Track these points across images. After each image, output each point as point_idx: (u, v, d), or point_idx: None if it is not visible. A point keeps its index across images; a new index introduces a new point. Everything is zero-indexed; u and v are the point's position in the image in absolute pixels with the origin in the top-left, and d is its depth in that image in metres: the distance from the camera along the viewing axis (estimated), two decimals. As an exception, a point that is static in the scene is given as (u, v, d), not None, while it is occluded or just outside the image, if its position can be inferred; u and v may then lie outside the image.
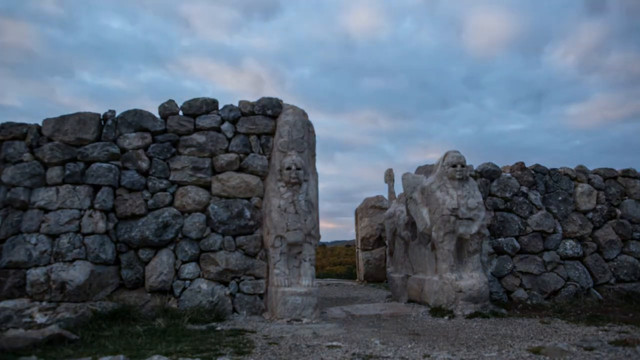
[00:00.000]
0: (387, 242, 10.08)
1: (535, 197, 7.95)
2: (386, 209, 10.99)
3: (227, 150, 6.93)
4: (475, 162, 13.03)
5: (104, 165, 6.45)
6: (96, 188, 6.41)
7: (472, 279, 6.60)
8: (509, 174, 8.10)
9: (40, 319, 5.32)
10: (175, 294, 6.34)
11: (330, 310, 7.15)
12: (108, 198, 6.39)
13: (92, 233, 6.20)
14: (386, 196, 12.01)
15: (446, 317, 6.18)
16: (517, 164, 8.31)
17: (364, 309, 7.29)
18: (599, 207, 8.21)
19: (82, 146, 6.52)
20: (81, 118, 6.58)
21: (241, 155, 6.94)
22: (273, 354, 4.07)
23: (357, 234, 13.29)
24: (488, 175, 7.95)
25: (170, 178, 6.71)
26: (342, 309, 7.29)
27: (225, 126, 7.01)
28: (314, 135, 7.34)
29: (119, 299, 6.19)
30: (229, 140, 6.99)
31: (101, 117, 6.77)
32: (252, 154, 6.97)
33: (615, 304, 7.11)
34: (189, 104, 7.01)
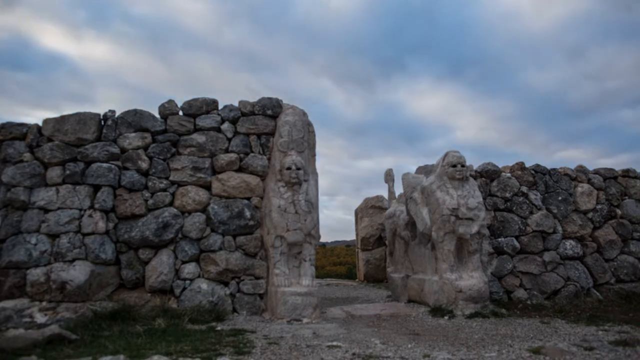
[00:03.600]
0: (387, 242, 10.09)
1: (535, 197, 7.94)
2: (386, 209, 10.99)
3: (227, 150, 6.93)
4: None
5: (104, 165, 6.45)
6: (96, 188, 6.41)
7: (472, 279, 6.60)
8: (509, 174, 8.09)
9: (40, 319, 5.32)
10: (175, 294, 6.34)
11: (330, 310, 7.15)
12: (108, 198, 6.39)
13: (92, 233, 6.20)
14: (386, 196, 12.03)
15: (446, 317, 6.18)
16: (517, 163, 8.31)
17: (364, 309, 7.29)
18: (599, 207, 8.21)
19: (82, 146, 6.52)
20: (81, 118, 6.59)
21: (241, 155, 6.94)
22: (273, 354, 4.07)
23: (357, 234, 13.30)
24: (488, 175, 7.95)
25: (170, 178, 6.71)
26: (342, 309, 7.29)
27: (225, 126, 7.02)
28: (314, 135, 7.35)
29: (119, 299, 6.19)
30: (229, 140, 6.99)
31: (101, 117, 6.78)
32: (252, 154, 6.97)
33: (615, 304, 7.10)
34: (189, 103, 7.02)
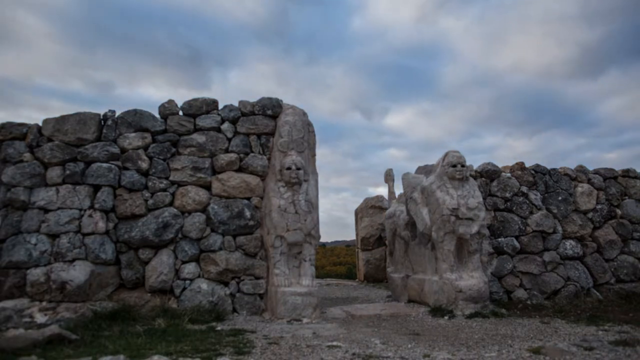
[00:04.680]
0: (387, 242, 10.09)
1: (535, 197, 7.94)
2: (386, 209, 10.99)
3: (227, 150, 6.93)
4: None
5: (104, 165, 6.45)
6: (96, 188, 6.42)
7: (472, 279, 6.60)
8: (509, 174, 8.09)
9: (40, 319, 5.32)
10: (175, 294, 6.34)
11: (330, 310, 7.15)
12: (108, 198, 6.39)
13: (92, 233, 6.20)
14: (386, 196, 12.03)
15: (446, 317, 6.18)
16: (517, 163, 8.31)
17: (364, 309, 7.29)
18: (599, 207, 8.21)
19: (82, 146, 6.52)
20: (81, 118, 6.59)
21: (241, 155, 6.94)
22: (273, 354, 4.07)
23: (357, 234, 13.30)
24: (488, 175, 7.95)
25: (170, 178, 6.71)
26: (342, 309, 7.29)
27: (225, 126, 7.02)
28: (314, 135, 7.35)
29: (119, 299, 6.19)
30: (229, 140, 6.99)
31: (101, 117, 6.78)
32: (252, 154, 6.97)
33: (615, 304, 7.10)
34: (189, 104, 7.02)
